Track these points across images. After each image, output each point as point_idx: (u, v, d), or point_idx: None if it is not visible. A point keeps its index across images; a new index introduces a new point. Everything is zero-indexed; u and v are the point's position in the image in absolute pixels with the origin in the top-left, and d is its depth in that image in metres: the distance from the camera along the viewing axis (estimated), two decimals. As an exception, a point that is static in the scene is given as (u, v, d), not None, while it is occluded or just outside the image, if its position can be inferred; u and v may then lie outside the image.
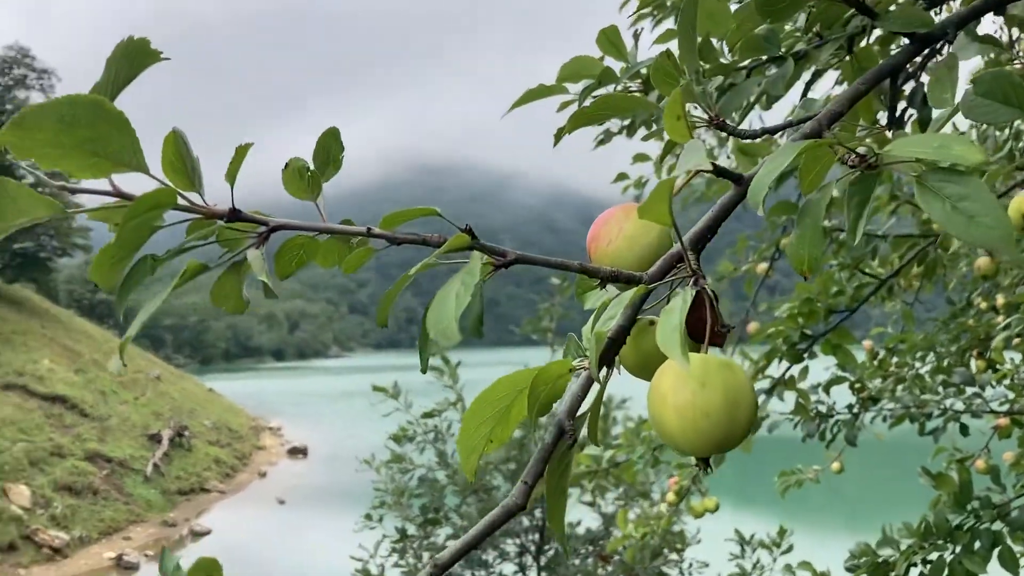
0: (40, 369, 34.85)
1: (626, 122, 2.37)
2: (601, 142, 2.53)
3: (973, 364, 3.74)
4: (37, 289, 50.59)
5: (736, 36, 1.18)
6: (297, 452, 43.88)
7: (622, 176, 4.30)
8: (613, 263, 0.92)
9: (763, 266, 3.89)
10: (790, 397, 3.51)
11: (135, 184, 0.82)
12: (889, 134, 1.38)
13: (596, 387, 0.87)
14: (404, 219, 0.89)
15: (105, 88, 0.79)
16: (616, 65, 1.34)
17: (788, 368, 3.42)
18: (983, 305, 3.76)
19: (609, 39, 1.21)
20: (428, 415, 6.77)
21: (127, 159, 0.78)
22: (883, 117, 1.42)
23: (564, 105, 1.51)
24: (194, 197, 0.86)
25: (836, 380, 3.55)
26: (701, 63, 1.21)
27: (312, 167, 0.93)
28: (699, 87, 0.96)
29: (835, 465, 3.85)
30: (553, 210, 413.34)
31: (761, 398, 3.43)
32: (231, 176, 0.83)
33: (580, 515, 7.30)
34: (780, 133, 1.13)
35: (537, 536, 7.00)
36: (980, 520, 2.61)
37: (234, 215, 0.85)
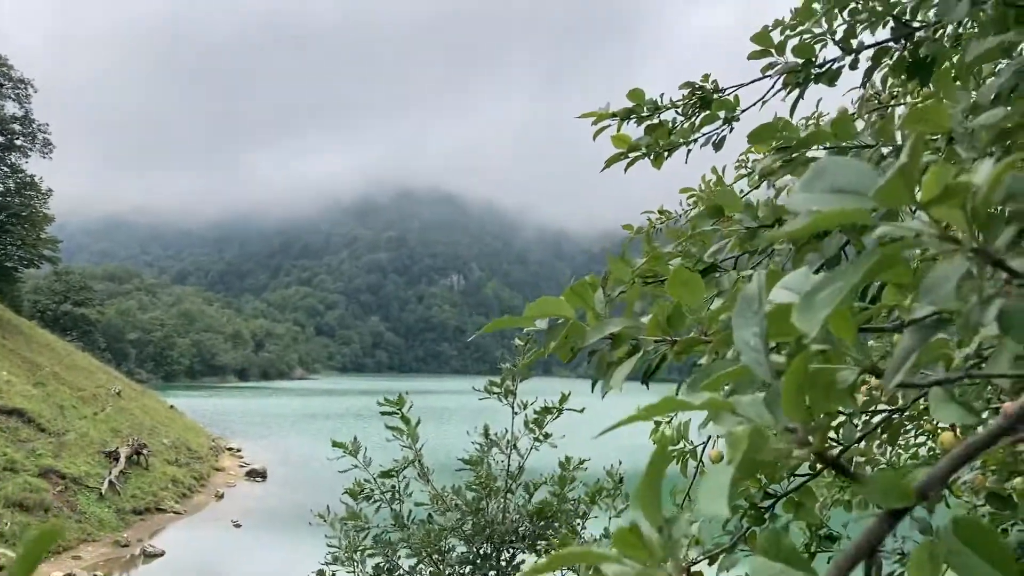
0: (-3, 381, 34.16)
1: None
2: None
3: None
4: (0, 299, 49.71)
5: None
6: (256, 474, 43.37)
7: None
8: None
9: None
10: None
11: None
12: None
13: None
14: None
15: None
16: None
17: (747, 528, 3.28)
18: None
19: (577, 293, 1.23)
20: (386, 475, 6.74)
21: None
22: None
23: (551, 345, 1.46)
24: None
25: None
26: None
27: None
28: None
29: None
30: (521, 239, 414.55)
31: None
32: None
33: None
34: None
35: None
36: None
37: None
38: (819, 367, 0.74)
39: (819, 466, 0.64)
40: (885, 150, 1.54)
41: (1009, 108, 1.15)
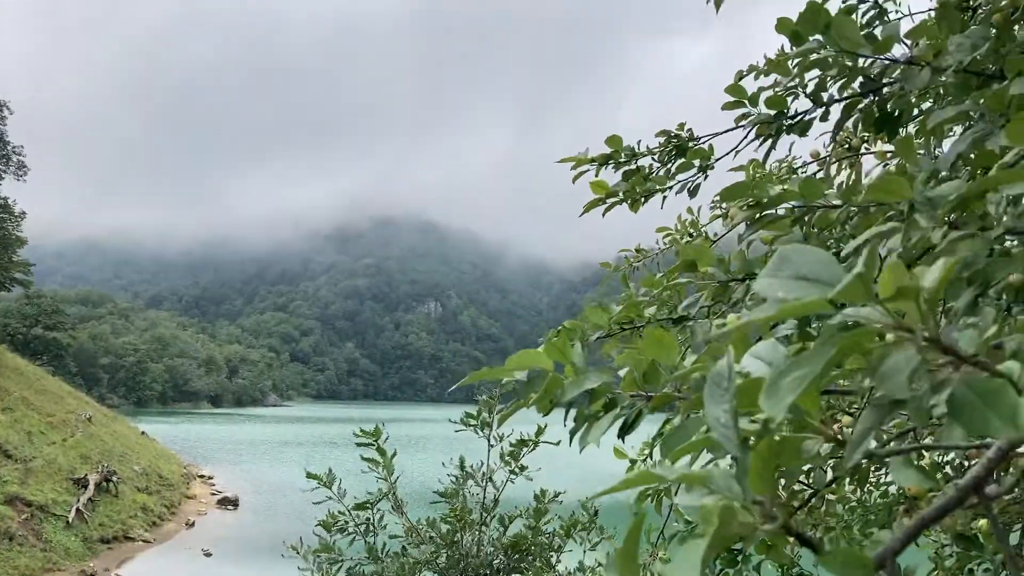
0: (-36, 406, 33.62)
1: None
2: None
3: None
4: (-32, 322, 49.07)
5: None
6: (228, 503, 42.85)
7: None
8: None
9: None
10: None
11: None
12: None
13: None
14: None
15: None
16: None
17: (721, 570, 3.21)
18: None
19: (556, 347, 1.28)
20: (361, 507, 6.73)
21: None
22: None
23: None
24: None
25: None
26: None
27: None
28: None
29: None
30: (500, 268, 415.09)
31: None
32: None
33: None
34: None
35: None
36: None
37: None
38: (786, 436, 0.78)
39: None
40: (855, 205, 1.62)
41: (967, 180, 1.22)
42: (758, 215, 1.60)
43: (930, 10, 4.46)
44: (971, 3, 4.09)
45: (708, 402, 0.70)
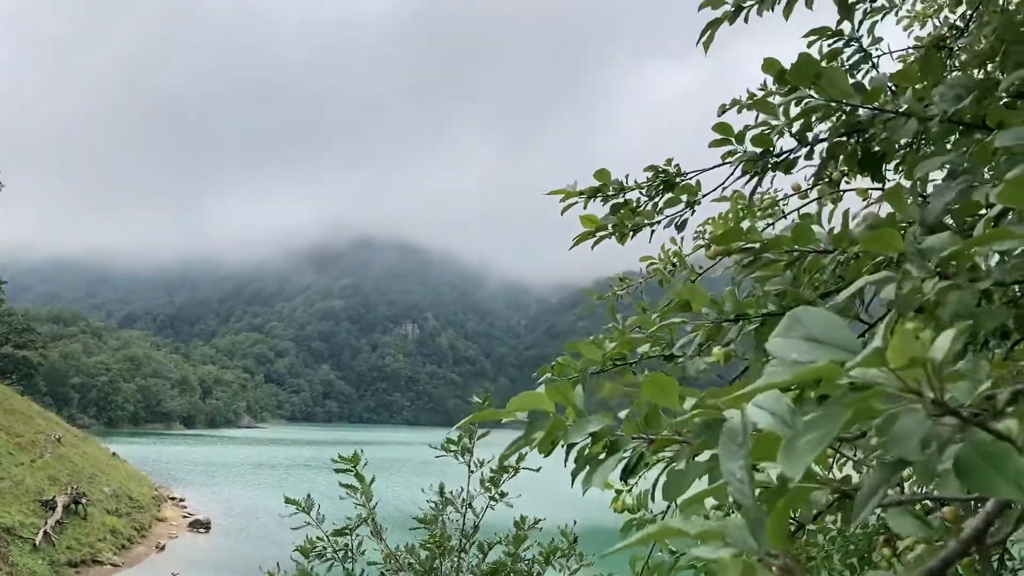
0: (-70, 426, 33.08)
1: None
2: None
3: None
4: (-63, 340, 48.36)
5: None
6: (199, 525, 42.31)
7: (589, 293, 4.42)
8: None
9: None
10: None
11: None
12: None
13: None
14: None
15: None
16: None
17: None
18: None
19: (560, 391, 1.30)
20: (340, 533, 6.69)
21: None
22: None
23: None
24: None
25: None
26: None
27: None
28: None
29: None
30: (478, 290, 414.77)
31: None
32: None
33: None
34: None
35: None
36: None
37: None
38: (798, 486, 0.82)
39: None
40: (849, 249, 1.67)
41: (955, 231, 1.27)
42: (751, 258, 1.64)
43: (909, 48, 4.57)
44: (947, 43, 4.20)
45: (723, 457, 0.73)
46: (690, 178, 2.87)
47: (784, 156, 2.57)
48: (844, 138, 2.45)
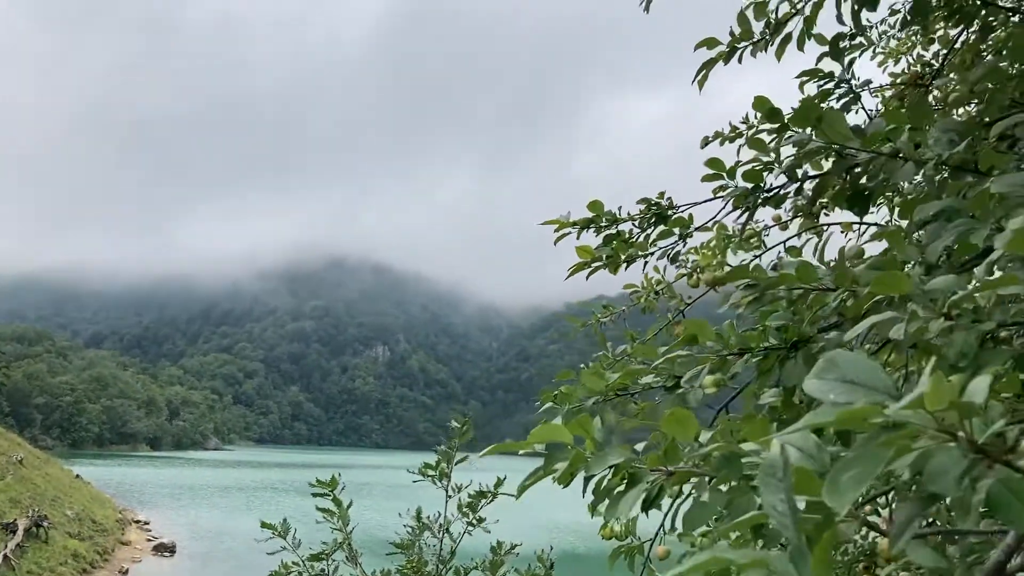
0: None
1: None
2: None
3: None
4: (-101, 357, 47.53)
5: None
6: (164, 549, 41.65)
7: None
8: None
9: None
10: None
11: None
12: None
13: None
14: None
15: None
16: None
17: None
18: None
19: (580, 425, 1.34)
20: (315, 558, 6.66)
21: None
22: None
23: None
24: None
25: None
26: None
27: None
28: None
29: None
30: (450, 313, 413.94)
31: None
32: None
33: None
34: None
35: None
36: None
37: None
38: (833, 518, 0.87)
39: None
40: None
41: (956, 270, 1.34)
42: (756, 295, 1.71)
43: (885, 84, 4.71)
44: (924, 81, 4.33)
45: (764, 491, 0.78)
46: (682, 211, 2.95)
47: (775, 191, 2.65)
48: (831, 175, 2.53)
